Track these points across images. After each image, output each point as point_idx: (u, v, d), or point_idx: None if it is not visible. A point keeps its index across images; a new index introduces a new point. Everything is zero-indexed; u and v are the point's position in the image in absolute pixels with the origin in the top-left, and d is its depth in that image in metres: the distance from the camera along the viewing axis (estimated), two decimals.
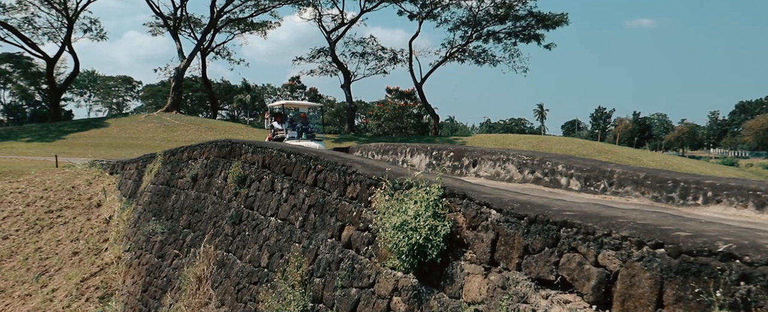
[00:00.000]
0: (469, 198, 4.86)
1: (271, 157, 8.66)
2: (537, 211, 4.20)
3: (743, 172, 33.27)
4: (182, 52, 39.83)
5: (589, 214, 4.00)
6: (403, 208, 5.02)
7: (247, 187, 9.00)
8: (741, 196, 6.44)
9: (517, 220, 4.31)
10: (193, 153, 11.92)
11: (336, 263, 6.27)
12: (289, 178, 7.95)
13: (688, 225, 3.59)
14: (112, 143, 27.74)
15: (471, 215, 4.77)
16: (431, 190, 5.12)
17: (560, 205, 4.47)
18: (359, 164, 6.68)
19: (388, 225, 5.01)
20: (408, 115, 49.48)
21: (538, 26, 44.78)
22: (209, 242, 9.14)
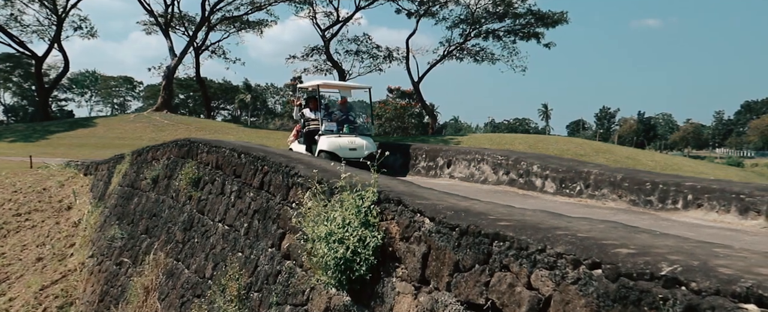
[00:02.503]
0: (404, 204, 4.24)
1: (223, 157, 8.06)
2: (469, 221, 3.58)
3: (746, 173, 32.46)
4: (174, 50, 39.38)
5: (528, 224, 3.37)
6: (331, 216, 4.41)
7: (201, 190, 8.41)
8: (723, 200, 5.81)
9: (449, 231, 3.69)
10: (156, 153, 11.35)
11: (274, 276, 5.66)
12: (238, 181, 7.35)
13: (637, 239, 2.96)
14: (97, 143, 27.24)
15: (404, 224, 4.15)
16: (365, 195, 4.51)
17: (501, 212, 3.84)
18: (304, 165, 6.07)
19: (316, 235, 4.40)
20: (410, 114, 48.79)
21: (537, 24, 44.04)
22: (160, 249, 8.55)
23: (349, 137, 10.29)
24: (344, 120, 10.81)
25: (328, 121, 10.68)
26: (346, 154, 9.67)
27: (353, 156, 9.75)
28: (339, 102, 11.49)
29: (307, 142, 10.65)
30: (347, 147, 10.00)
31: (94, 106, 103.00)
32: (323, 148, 9.96)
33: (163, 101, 38.96)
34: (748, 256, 2.61)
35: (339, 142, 10.06)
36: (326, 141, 10.06)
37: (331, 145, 9.97)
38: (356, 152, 9.96)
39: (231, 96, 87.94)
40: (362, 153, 9.99)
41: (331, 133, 10.34)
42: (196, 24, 41.72)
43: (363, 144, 10.23)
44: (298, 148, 11.07)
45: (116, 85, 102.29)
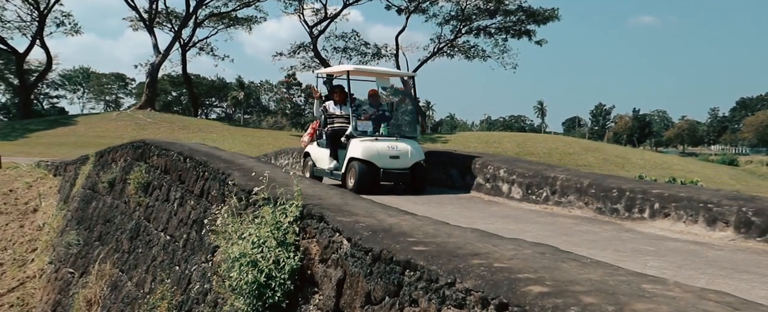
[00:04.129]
0: (325, 221, 3.80)
1: (171, 161, 7.61)
2: (384, 245, 3.14)
3: (736, 171, 32.19)
4: (158, 47, 38.71)
5: (445, 250, 2.94)
6: (245, 233, 3.96)
7: (149, 196, 7.95)
8: (690, 209, 5.40)
9: (363, 256, 3.25)
10: (115, 155, 10.89)
11: (203, 295, 5.21)
12: (182, 187, 6.90)
13: (559, 272, 2.52)
14: (77, 142, 26.69)
15: (324, 244, 3.71)
16: (288, 209, 4.06)
17: (427, 232, 3.40)
18: (240, 172, 5.62)
19: (229, 256, 3.95)
20: None
21: (528, 21, 43.62)
22: (108, 259, 8.10)
23: (389, 141, 7.77)
24: (379, 117, 8.29)
25: (358, 118, 8.12)
26: (386, 164, 7.56)
27: (396, 166, 7.60)
28: (368, 93, 8.76)
29: (330, 146, 8.21)
30: (387, 154, 7.61)
31: (86, 104, 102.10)
32: (355, 155, 7.58)
33: (147, 99, 38.37)
34: (678, 296, 2.19)
35: (376, 148, 7.60)
36: (360, 146, 7.62)
37: (367, 152, 7.55)
38: (399, 161, 7.64)
39: (224, 93, 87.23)
40: (407, 162, 7.70)
41: (364, 134, 7.89)
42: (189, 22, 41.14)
43: (407, 150, 7.75)
44: (317, 152, 8.69)
45: (108, 83, 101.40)
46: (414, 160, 7.80)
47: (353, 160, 7.64)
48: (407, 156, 7.77)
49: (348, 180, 7.65)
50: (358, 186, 7.33)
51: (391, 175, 7.60)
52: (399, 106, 8.95)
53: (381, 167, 7.53)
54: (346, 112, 8.40)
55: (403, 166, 7.69)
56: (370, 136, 7.90)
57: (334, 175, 8.07)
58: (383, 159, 7.62)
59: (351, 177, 7.59)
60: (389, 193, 7.57)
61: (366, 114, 8.37)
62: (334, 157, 8.21)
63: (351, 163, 7.67)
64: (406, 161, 7.73)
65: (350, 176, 7.61)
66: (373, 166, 7.53)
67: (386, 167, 7.57)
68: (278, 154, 15.20)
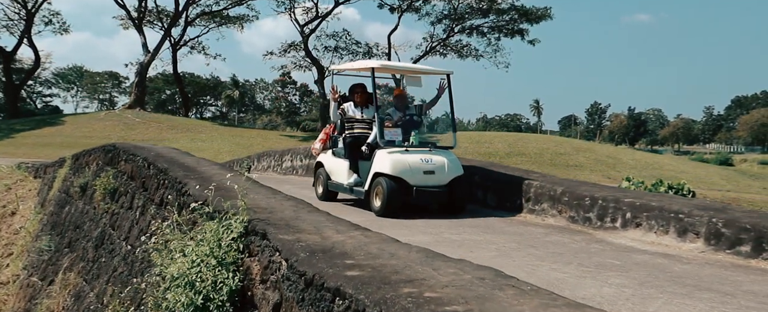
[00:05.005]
0: (268, 238, 3.61)
1: (136, 167, 7.40)
2: (317, 268, 2.95)
3: (727, 171, 32.10)
4: (147, 46, 38.40)
5: (380, 275, 2.76)
6: (186, 251, 3.77)
7: (116, 203, 7.75)
8: (662, 219, 5.25)
9: (298, 279, 3.06)
10: (88, 158, 10.67)
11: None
12: (145, 195, 6.70)
13: (492, 304, 2.35)
14: (63, 143, 26.40)
15: (264, 264, 3.52)
16: (232, 224, 3.87)
17: (370, 253, 3.22)
18: (197, 180, 5.43)
19: (167, 275, 3.75)
20: None
21: (521, 20, 43.48)
22: (73, 267, 7.89)
23: (422, 153, 6.54)
24: (407, 123, 7.00)
25: (383, 124, 6.77)
26: (420, 181, 6.36)
27: (430, 184, 6.40)
28: (394, 94, 7.58)
29: (350, 157, 7.02)
30: (421, 169, 6.39)
31: (80, 102, 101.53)
32: (383, 170, 6.37)
33: (136, 98, 38.06)
34: None
35: (407, 162, 6.36)
36: (388, 159, 6.39)
37: (397, 167, 6.33)
38: (435, 177, 6.43)
39: (219, 92, 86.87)
40: (443, 178, 6.48)
41: (392, 144, 6.60)
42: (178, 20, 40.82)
43: (444, 163, 6.49)
44: (332, 163, 7.48)
45: (102, 81, 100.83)
46: (452, 176, 6.51)
47: (380, 176, 6.40)
48: (444, 171, 6.47)
49: (373, 200, 6.47)
50: (386, 207, 6.25)
51: (425, 194, 6.33)
52: (430, 109, 7.63)
53: (413, 185, 6.30)
54: (368, 116, 7.23)
55: (439, 183, 6.43)
56: (398, 146, 6.60)
57: (356, 192, 6.90)
58: (416, 175, 6.35)
59: (377, 197, 6.41)
60: (421, 214, 6.46)
61: (391, 119, 7.04)
62: (354, 171, 6.96)
63: (377, 180, 6.41)
64: (442, 177, 6.46)
65: (376, 196, 6.42)
66: (404, 184, 6.29)
67: (420, 185, 6.33)
68: (261, 156, 14.99)
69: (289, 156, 12.95)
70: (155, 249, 4.09)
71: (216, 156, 26.37)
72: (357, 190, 6.87)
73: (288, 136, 34.22)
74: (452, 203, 6.60)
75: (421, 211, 6.64)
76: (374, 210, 6.44)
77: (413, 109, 7.35)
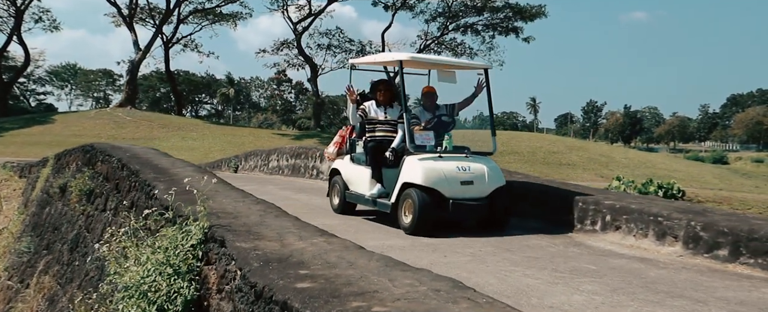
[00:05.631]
0: (225, 245, 3.49)
1: (111, 168, 7.26)
2: (268, 279, 2.83)
3: (720, 170, 32.09)
4: (138, 44, 38.13)
5: (331, 288, 2.63)
6: (142, 259, 3.64)
7: (92, 204, 7.61)
8: (641, 222, 5.16)
9: (249, 290, 2.94)
10: (68, 158, 10.52)
11: None
12: (118, 197, 6.56)
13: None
14: (52, 141, 26.19)
15: (220, 273, 3.39)
16: (192, 230, 3.74)
17: (328, 262, 3.09)
18: (165, 183, 5.29)
19: (121, 285, 3.62)
20: None
21: (515, 18, 43.41)
22: (48, 270, 7.75)
23: (457, 160, 5.65)
24: (438, 125, 6.15)
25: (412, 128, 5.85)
26: (457, 192, 5.47)
27: (469, 196, 5.51)
28: (422, 92, 6.61)
29: (373, 164, 6.18)
30: (457, 179, 5.51)
31: (74, 100, 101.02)
32: (414, 180, 5.49)
33: (127, 97, 37.82)
34: None
35: (442, 170, 5.48)
36: (419, 167, 5.50)
37: (430, 176, 5.44)
38: (474, 188, 5.56)
39: (214, 90, 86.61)
40: (484, 189, 5.60)
41: (421, 150, 5.72)
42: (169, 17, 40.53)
43: (483, 172, 5.62)
44: (350, 171, 6.61)
45: (96, 79, 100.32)
46: (493, 186, 5.63)
47: (409, 187, 5.50)
48: (484, 181, 5.59)
49: (402, 215, 5.60)
50: (417, 224, 5.37)
51: (462, 208, 5.43)
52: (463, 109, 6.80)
53: (449, 198, 5.41)
54: (393, 116, 6.34)
55: (478, 195, 5.54)
56: (430, 151, 5.73)
57: (379, 204, 5.99)
58: (452, 186, 5.46)
59: (407, 211, 5.54)
60: (458, 231, 5.61)
61: (419, 121, 6.19)
62: (377, 180, 6.08)
63: (406, 192, 5.53)
64: (482, 188, 5.58)
65: (406, 210, 5.56)
66: (439, 196, 5.41)
67: (456, 197, 5.43)
68: (248, 155, 14.85)
69: (275, 155, 12.82)
70: (110, 257, 3.96)
71: (206, 155, 26.21)
72: (381, 202, 5.94)
73: (280, 134, 34.06)
74: (493, 218, 5.72)
75: (454, 226, 5.76)
76: (403, 226, 5.55)
77: (443, 109, 6.45)
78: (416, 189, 5.44)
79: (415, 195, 5.41)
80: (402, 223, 5.59)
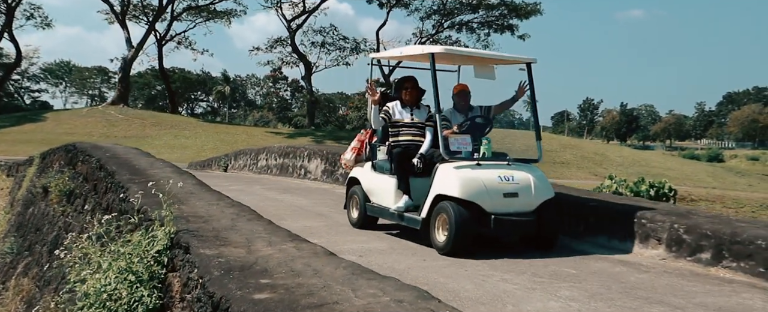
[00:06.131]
0: (190, 252, 3.38)
1: (90, 169, 7.14)
2: (226, 290, 2.72)
3: (714, 168, 32.08)
4: (131, 41, 37.91)
5: (291, 298, 2.54)
6: (104, 266, 3.53)
7: (71, 205, 7.49)
8: (625, 224, 5.09)
9: (208, 300, 2.83)
10: (53, 158, 10.38)
11: None
12: (95, 198, 6.44)
13: None
14: (43, 139, 26.00)
15: (183, 281, 3.28)
16: (158, 236, 3.63)
17: (293, 270, 2.99)
18: (140, 185, 5.17)
19: (80, 293, 3.51)
20: None
21: (511, 16, 43.30)
22: (28, 272, 7.62)
23: (499, 168, 4.95)
24: (473, 128, 5.40)
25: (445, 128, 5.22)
26: (499, 206, 4.74)
27: (514, 210, 4.78)
28: (454, 91, 5.76)
29: (398, 172, 5.38)
30: (500, 191, 4.80)
31: (68, 98, 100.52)
32: (450, 191, 4.76)
33: (120, 94, 37.60)
34: None
35: (482, 181, 4.77)
36: (455, 177, 4.78)
37: (469, 187, 4.73)
38: (519, 201, 4.83)
39: (209, 87, 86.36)
40: (530, 202, 4.86)
41: (458, 157, 4.97)
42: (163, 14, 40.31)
43: (529, 182, 4.91)
44: (372, 180, 5.78)
45: (90, 76, 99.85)
46: (540, 199, 4.89)
47: (444, 200, 4.76)
48: (530, 193, 4.85)
49: (435, 233, 4.84)
50: (454, 242, 4.61)
51: (506, 224, 4.68)
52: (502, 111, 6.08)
53: (491, 212, 4.67)
54: (420, 118, 5.63)
55: (524, 209, 4.81)
56: (465, 158, 4.97)
57: (408, 219, 5.18)
58: (494, 198, 4.73)
59: (441, 228, 4.78)
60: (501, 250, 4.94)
61: (449, 124, 5.38)
62: (404, 191, 5.32)
63: (441, 205, 4.78)
64: (528, 200, 4.83)
65: (440, 227, 4.80)
66: (479, 211, 4.68)
67: (499, 212, 4.70)
68: (238, 154, 14.73)
69: (264, 155, 12.70)
70: (71, 263, 3.84)
71: (199, 153, 26.06)
72: (409, 217, 5.16)
73: (274, 132, 33.93)
74: (542, 235, 4.96)
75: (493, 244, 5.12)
76: (436, 245, 4.81)
77: (477, 110, 5.73)
78: (452, 202, 4.70)
79: (450, 209, 4.65)
80: (435, 241, 4.84)
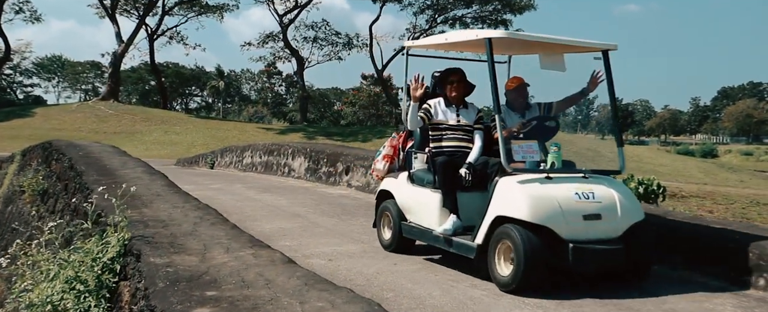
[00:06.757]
0: (141, 260, 3.25)
1: (62, 168, 7.00)
2: (167, 303, 2.59)
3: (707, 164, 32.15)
4: (120, 36, 37.61)
5: None
6: (51, 274, 3.40)
7: (45, 204, 7.34)
8: None
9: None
10: (31, 155, 10.21)
11: None
12: (66, 198, 6.30)
13: None
14: (31, 135, 25.69)
15: (132, 291, 3.16)
16: (112, 242, 3.50)
17: (245, 280, 2.87)
18: (104, 186, 5.02)
19: (25, 303, 3.39)
20: (384, 102, 47.94)
21: (504, 11, 43.16)
22: (1, 272, 7.46)
23: (574, 182, 3.97)
24: (535, 130, 4.46)
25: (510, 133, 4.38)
26: (579, 231, 3.76)
27: (597, 237, 3.79)
28: (507, 86, 4.78)
29: (443, 185, 4.36)
30: (579, 212, 3.80)
31: (61, 92, 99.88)
32: (515, 213, 3.78)
33: (110, 90, 37.30)
34: None
35: (556, 199, 3.80)
36: (523, 195, 3.83)
37: (540, 208, 3.76)
38: (602, 225, 3.84)
39: (203, 82, 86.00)
40: (617, 225, 3.87)
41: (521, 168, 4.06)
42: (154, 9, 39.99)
43: (614, 201, 3.93)
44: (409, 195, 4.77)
45: (83, 71, 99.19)
46: (628, 222, 3.86)
47: (508, 223, 3.75)
48: (615, 214, 3.83)
49: (496, 264, 3.81)
50: (523, 278, 3.62)
51: (587, 254, 3.65)
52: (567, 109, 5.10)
53: (568, 239, 3.67)
54: (468, 119, 4.61)
55: (609, 236, 3.79)
56: (531, 169, 4.02)
57: (458, 245, 4.13)
58: (572, 222, 3.72)
59: (504, 259, 3.79)
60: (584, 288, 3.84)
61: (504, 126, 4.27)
62: (451, 210, 4.28)
63: (503, 230, 3.78)
64: (614, 224, 3.83)
65: (502, 257, 3.80)
66: (553, 238, 3.68)
67: (579, 239, 3.69)
68: (224, 151, 14.57)
69: (249, 152, 12.55)
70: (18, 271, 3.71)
71: (189, 149, 25.87)
72: (460, 243, 4.10)
73: (265, 128, 33.74)
74: (631, 265, 3.86)
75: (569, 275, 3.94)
76: (498, 280, 3.81)
77: (536, 108, 4.74)
78: (518, 226, 3.66)
79: (517, 236, 3.62)
80: (496, 275, 3.81)
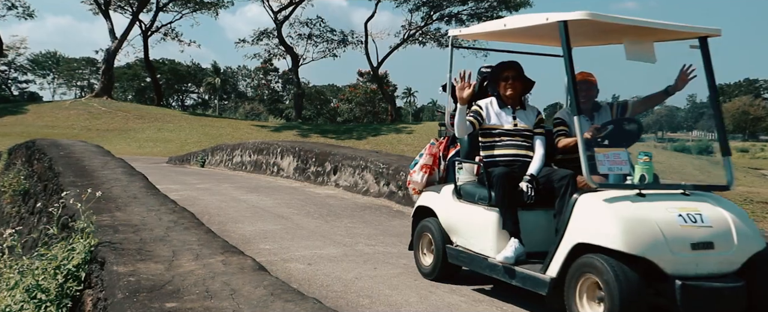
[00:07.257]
0: (105, 268, 3.14)
1: (43, 168, 6.87)
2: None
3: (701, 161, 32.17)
4: (114, 32, 37.39)
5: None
6: (12, 282, 3.29)
7: (26, 205, 7.22)
8: None
9: None
10: (16, 155, 10.08)
11: None
12: (44, 199, 6.18)
13: None
14: (23, 132, 25.49)
15: (94, 301, 3.05)
16: (77, 248, 3.39)
17: (209, 290, 2.77)
18: (79, 188, 4.91)
19: None
20: (380, 99, 47.84)
21: (500, 8, 42.98)
22: None
23: (674, 199, 3.05)
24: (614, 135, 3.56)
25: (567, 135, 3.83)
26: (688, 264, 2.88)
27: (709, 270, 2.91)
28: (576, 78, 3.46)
29: (501, 202, 3.53)
30: (686, 240, 2.88)
31: (57, 89, 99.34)
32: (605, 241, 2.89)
33: (103, 87, 37.05)
34: None
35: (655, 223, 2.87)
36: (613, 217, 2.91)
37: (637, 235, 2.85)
38: (716, 256, 2.93)
39: (199, 79, 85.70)
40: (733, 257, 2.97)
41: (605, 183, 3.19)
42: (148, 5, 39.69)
43: (727, 224, 2.99)
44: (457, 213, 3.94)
45: (79, 67, 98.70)
46: (748, 251, 3.04)
47: (591, 253, 2.96)
48: (731, 241, 3.00)
49: (577, 303, 2.98)
50: None
51: (700, 294, 2.84)
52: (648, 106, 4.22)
53: (675, 275, 2.85)
54: (527, 122, 3.93)
55: (725, 270, 2.99)
56: (617, 184, 3.19)
57: (523, 278, 3.35)
58: (678, 252, 2.89)
59: (587, 298, 2.98)
60: None
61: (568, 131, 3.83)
62: (512, 233, 3.51)
63: (586, 261, 2.97)
64: (731, 254, 3.00)
65: (584, 295, 2.99)
66: (651, 269, 2.88)
67: (688, 274, 2.88)
68: (215, 150, 14.45)
69: (239, 151, 12.43)
70: None
71: (182, 147, 25.71)
72: (526, 274, 3.32)
73: (260, 126, 33.56)
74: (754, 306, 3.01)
75: None
76: None
77: (607, 109, 4.02)
78: (607, 257, 2.86)
79: (608, 270, 2.80)
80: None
